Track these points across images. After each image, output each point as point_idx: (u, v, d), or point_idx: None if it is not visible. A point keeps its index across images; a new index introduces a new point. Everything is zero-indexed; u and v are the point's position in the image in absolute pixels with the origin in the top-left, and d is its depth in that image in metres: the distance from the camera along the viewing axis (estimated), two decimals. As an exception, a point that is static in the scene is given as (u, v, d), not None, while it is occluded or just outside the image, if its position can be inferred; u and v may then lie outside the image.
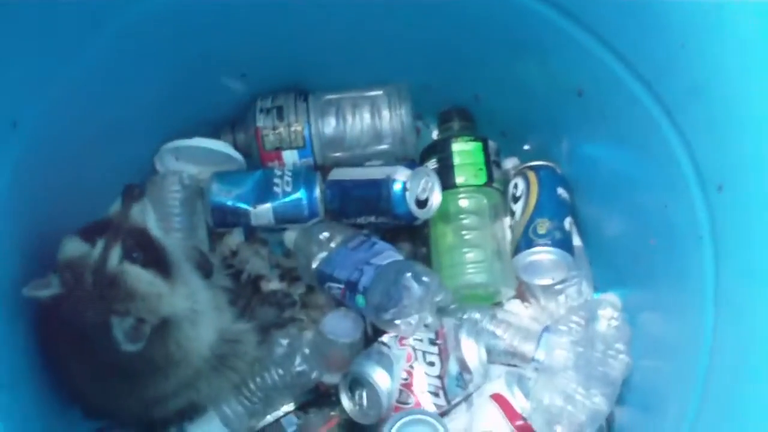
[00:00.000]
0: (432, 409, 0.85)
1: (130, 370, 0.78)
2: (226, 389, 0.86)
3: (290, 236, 0.98)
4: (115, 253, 0.75)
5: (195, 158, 0.99)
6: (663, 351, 0.83)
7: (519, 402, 0.84)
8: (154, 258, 0.78)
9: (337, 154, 1.00)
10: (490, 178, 0.97)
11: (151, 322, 0.75)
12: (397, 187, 0.92)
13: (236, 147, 1.00)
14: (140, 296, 0.75)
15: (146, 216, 0.80)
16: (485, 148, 0.98)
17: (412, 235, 0.99)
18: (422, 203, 0.94)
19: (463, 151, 0.97)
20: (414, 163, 0.99)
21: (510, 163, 1.03)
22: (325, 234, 0.96)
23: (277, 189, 0.96)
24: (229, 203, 0.96)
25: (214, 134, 1.01)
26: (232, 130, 1.01)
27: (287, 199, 0.96)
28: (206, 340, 0.82)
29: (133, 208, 0.79)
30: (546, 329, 0.91)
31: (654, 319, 0.87)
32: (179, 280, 0.80)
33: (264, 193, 0.97)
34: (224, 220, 0.98)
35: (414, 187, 0.92)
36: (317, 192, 0.97)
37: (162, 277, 0.77)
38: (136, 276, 0.75)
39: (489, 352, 0.89)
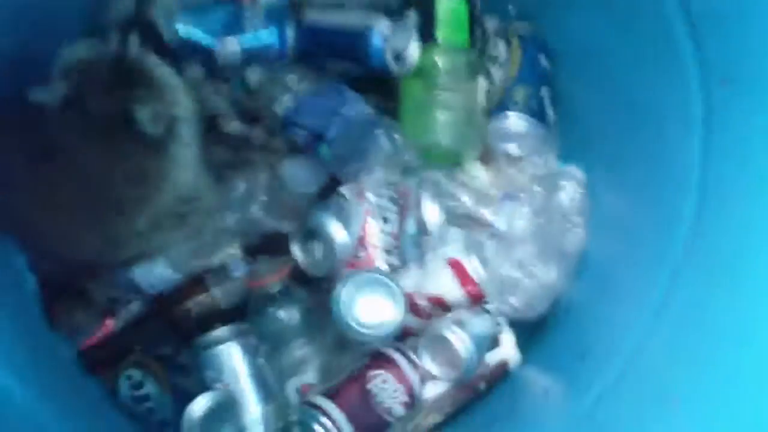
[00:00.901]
0: (384, 266, 0.84)
1: (118, 190, 0.76)
2: (179, 241, 0.83)
3: (254, 75, 0.93)
4: (134, 41, 0.76)
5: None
6: (627, 232, 0.82)
7: (474, 268, 0.83)
8: (167, 53, 0.80)
9: (314, -7, 0.94)
10: (471, 38, 0.92)
11: (166, 116, 0.75)
12: (376, 38, 0.87)
13: (205, -26, 0.93)
14: (160, 85, 0.76)
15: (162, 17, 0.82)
16: (470, 5, 0.92)
17: (381, 86, 0.94)
18: (399, 57, 0.89)
19: (448, 5, 0.91)
20: (394, 12, 0.94)
21: (491, 22, 0.97)
22: (292, 77, 0.91)
23: (246, 26, 0.90)
24: (194, 37, 0.89)
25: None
26: (203, -44, 0.94)
27: (257, 37, 0.90)
28: (188, 174, 0.79)
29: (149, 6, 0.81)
30: (506, 196, 0.88)
31: (620, 198, 0.85)
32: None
33: (233, 29, 0.90)
34: (187, 54, 0.91)
35: (394, 40, 0.87)
36: (289, 32, 0.91)
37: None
38: (155, 64, 0.76)
39: (447, 214, 0.87)
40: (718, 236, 0.67)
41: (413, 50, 0.90)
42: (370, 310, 0.77)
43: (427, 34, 0.91)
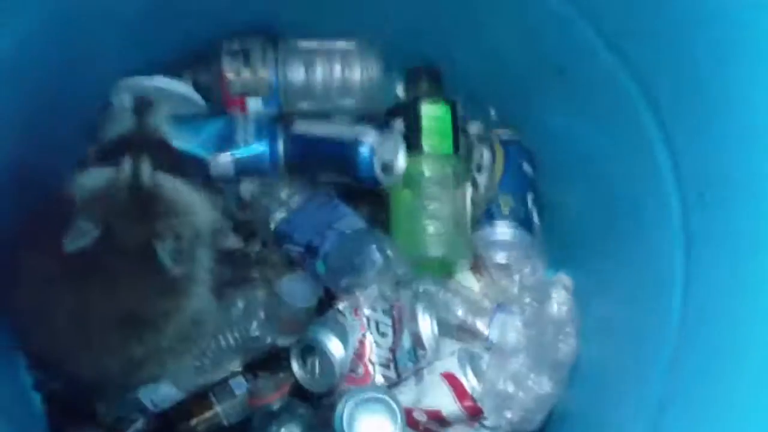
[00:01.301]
0: (381, 380, 0.85)
1: (140, 309, 0.75)
2: (186, 364, 0.84)
3: (247, 189, 0.95)
4: (146, 167, 0.74)
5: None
6: (617, 339, 0.83)
7: (470, 382, 0.85)
8: (180, 167, 0.79)
9: (304, 105, 0.96)
10: (456, 146, 0.95)
11: (187, 236, 0.74)
12: (364, 150, 0.90)
13: (196, 89, 0.94)
14: (180, 208, 0.75)
15: (163, 124, 0.81)
16: (454, 113, 0.95)
17: (372, 198, 0.96)
18: (388, 168, 0.91)
19: (433, 114, 0.94)
20: (382, 123, 0.96)
21: (474, 128, 1.01)
22: (286, 191, 0.94)
23: (238, 139, 0.92)
24: (188, 149, 0.91)
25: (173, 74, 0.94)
26: (193, 71, 0.95)
27: (249, 151, 0.92)
28: (203, 300, 0.80)
29: (150, 118, 0.80)
30: (499, 308, 0.91)
31: (608, 305, 0.87)
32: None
33: (225, 142, 0.92)
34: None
35: (381, 151, 0.90)
36: (280, 145, 0.93)
37: (191, 185, 0.78)
38: (172, 187, 0.75)
39: (440, 325, 0.88)
40: (705, 336, 0.68)
41: (401, 161, 0.92)
42: (370, 427, 0.79)
43: (413, 144, 0.94)
